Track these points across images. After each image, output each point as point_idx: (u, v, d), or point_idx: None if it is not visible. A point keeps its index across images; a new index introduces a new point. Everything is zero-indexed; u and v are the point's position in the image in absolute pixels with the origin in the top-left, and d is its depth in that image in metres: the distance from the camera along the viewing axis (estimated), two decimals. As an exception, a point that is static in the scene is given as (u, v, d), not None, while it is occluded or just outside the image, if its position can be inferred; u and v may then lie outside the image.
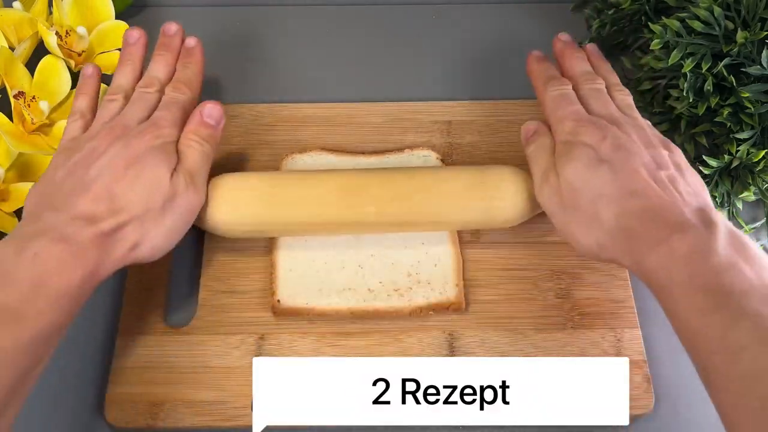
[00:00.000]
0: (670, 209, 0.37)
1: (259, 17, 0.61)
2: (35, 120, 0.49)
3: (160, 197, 0.40)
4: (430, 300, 0.45)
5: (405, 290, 0.46)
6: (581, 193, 0.40)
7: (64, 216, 0.38)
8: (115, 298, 0.47)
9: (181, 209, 0.41)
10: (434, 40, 0.60)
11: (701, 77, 0.46)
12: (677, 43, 0.46)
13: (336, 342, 0.45)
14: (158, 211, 0.40)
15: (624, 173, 0.39)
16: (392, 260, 0.47)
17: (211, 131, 0.45)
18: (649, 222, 0.37)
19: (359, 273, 0.46)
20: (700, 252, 0.35)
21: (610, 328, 0.46)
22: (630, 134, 0.41)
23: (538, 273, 0.48)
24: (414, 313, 0.45)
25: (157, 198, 0.40)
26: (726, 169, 0.48)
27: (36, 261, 0.35)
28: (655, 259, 0.36)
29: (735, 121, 0.46)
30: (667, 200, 0.38)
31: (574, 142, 0.41)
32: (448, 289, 0.46)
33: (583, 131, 0.41)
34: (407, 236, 0.48)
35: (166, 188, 0.40)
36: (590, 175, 0.39)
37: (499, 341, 0.45)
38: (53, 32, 0.51)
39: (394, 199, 0.45)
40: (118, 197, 0.39)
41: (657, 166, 0.40)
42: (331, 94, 0.56)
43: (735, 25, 0.45)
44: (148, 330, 0.45)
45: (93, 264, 0.37)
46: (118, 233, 0.39)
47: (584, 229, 0.40)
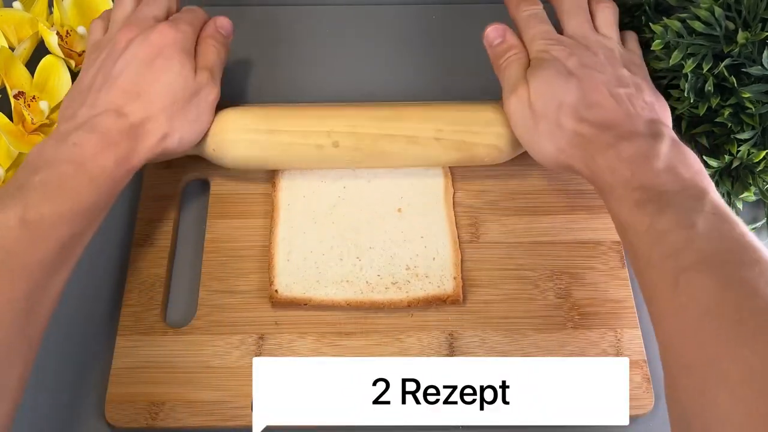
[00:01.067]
0: (623, 121, 0.41)
1: (258, 17, 0.61)
2: (35, 120, 0.49)
3: (186, 91, 0.44)
4: (428, 293, 0.46)
5: (403, 283, 0.46)
6: (548, 99, 0.43)
7: (95, 110, 0.42)
8: (115, 297, 0.47)
9: (204, 102, 0.45)
10: (435, 41, 0.60)
11: (702, 78, 0.46)
12: (678, 43, 0.46)
13: (336, 342, 0.45)
14: (184, 103, 0.44)
15: (587, 87, 0.43)
16: (391, 253, 0.47)
17: (225, 40, 0.49)
18: (603, 130, 0.41)
19: (357, 265, 0.47)
20: (644, 156, 0.39)
21: (610, 328, 0.46)
22: (597, 54, 0.45)
23: (537, 273, 0.48)
24: (412, 305, 0.45)
25: (184, 91, 0.44)
26: (726, 170, 0.48)
27: (74, 149, 0.39)
28: (603, 162, 0.40)
29: (736, 121, 0.46)
30: (621, 113, 0.42)
31: (545, 57, 0.45)
32: (446, 282, 0.46)
33: (552, 49, 0.45)
34: (406, 229, 0.48)
35: (191, 82, 0.44)
36: (558, 84, 0.43)
37: (499, 341, 0.45)
38: (54, 32, 0.51)
39: (386, 116, 0.48)
40: (145, 90, 0.42)
41: (617, 83, 0.43)
42: (331, 94, 0.56)
43: (736, 26, 0.45)
44: (148, 330, 0.45)
45: (125, 151, 0.41)
46: (146, 125, 0.42)
47: (547, 135, 0.43)
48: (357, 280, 0.46)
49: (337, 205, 0.49)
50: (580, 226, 0.49)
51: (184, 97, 0.44)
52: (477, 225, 0.49)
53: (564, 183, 0.51)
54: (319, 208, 0.49)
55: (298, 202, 0.49)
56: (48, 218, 0.37)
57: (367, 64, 0.59)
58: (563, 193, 0.51)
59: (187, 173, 0.51)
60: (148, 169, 0.51)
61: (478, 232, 0.49)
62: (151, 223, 0.49)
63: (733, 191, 0.48)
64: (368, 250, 0.47)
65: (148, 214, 0.49)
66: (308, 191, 0.49)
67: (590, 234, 0.49)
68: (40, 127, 0.50)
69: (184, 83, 0.44)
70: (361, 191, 0.49)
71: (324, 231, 0.48)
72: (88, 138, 0.40)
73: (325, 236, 0.48)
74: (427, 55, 0.59)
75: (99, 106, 0.42)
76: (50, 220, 0.37)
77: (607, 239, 0.49)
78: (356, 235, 0.48)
